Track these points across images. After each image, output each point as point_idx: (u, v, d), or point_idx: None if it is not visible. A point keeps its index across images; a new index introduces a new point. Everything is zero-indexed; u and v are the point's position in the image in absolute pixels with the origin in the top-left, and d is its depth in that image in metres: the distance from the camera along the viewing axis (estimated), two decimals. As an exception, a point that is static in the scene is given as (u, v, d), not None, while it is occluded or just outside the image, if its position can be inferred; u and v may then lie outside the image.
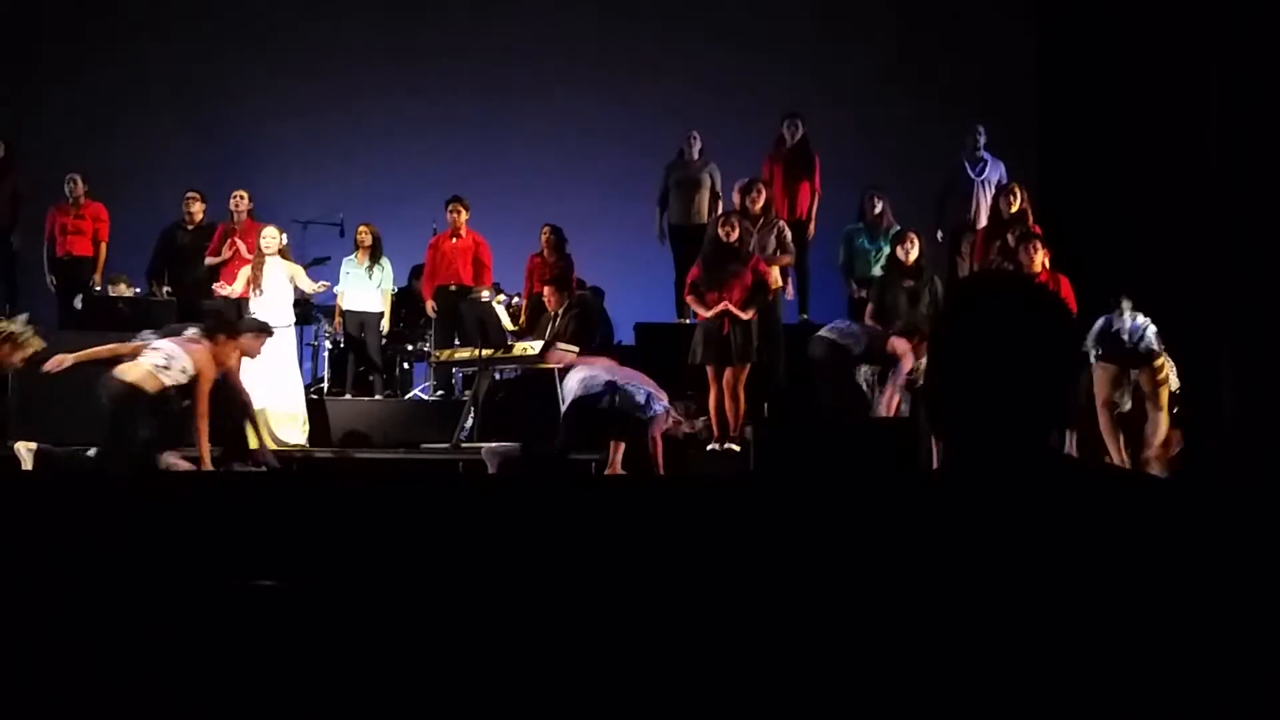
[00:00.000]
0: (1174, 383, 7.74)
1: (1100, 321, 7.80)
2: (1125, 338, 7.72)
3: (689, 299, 8.64)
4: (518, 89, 12.37)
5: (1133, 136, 10.18)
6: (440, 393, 10.33)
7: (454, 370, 10.21)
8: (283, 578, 3.56)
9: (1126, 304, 7.76)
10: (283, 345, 9.02)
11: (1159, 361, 7.70)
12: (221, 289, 9.36)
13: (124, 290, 10.22)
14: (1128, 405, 7.76)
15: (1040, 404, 1.54)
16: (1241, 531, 1.48)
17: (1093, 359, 7.77)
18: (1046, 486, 1.51)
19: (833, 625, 1.51)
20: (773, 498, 4.27)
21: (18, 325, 7.35)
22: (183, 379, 7.32)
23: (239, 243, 9.82)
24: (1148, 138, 10.04)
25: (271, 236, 9.24)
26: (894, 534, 1.53)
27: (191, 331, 7.58)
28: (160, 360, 7.27)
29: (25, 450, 7.44)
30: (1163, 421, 7.65)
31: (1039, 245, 8.06)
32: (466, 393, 9.73)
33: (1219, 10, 9.32)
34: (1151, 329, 7.73)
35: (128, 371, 7.22)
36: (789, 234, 9.32)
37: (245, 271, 9.27)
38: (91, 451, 7.38)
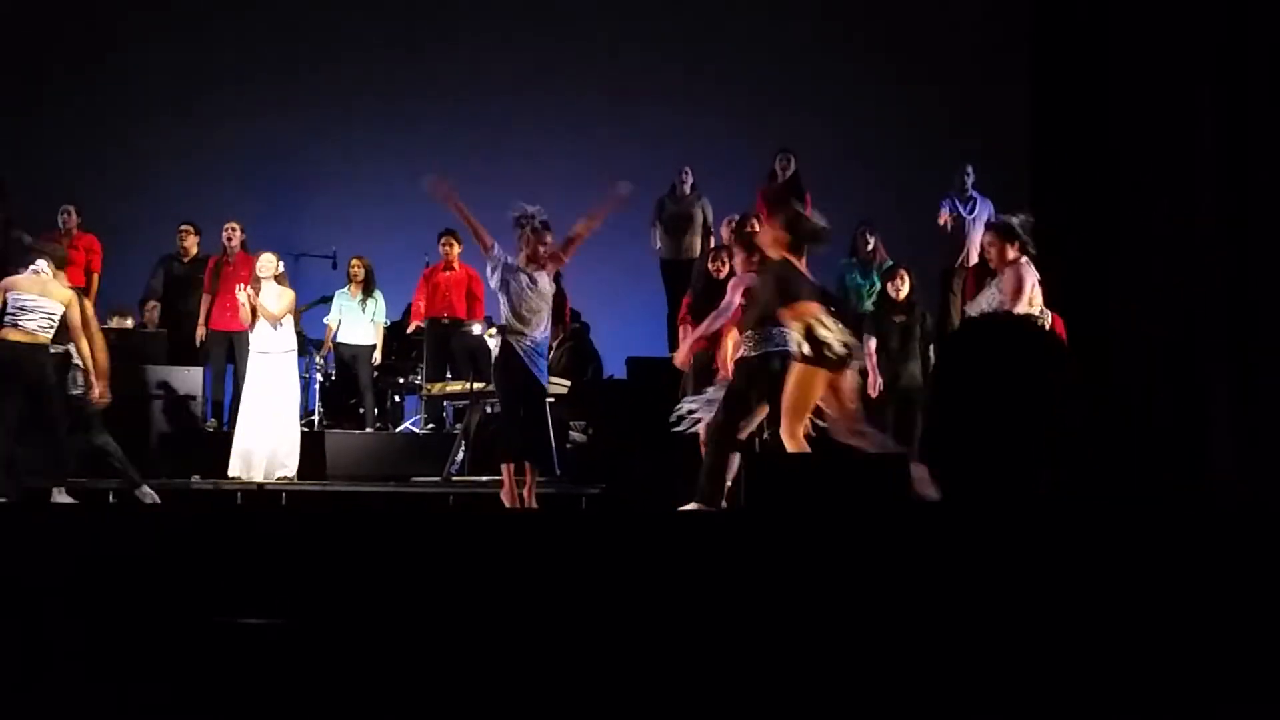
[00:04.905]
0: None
1: None
2: None
3: (682, 330, 8.63)
4: (509, 121, 12.39)
5: (1124, 172, 10.19)
6: (431, 426, 10.32)
7: (445, 403, 10.20)
8: (270, 614, 3.55)
9: None
10: (284, 371, 9.04)
11: None
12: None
13: (127, 324, 10.17)
14: None
15: (1030, 441, 1.55)
16: (1221, 563, 1.49)
17: None
18: (1036, 523, 1.51)
19: (825, 656, 1.51)
20: (764, 531, 4.26)
21: None
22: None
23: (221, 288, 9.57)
24: (1140, 173, 10.05)
25: (268, 262, 9.23)
26: (887, 569, 1.53)
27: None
28: None
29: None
30: None
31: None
32: (458, 426, 9.72)
33: (1214, 44, 9.35)
34: None
35: None
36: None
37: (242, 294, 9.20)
38: None
